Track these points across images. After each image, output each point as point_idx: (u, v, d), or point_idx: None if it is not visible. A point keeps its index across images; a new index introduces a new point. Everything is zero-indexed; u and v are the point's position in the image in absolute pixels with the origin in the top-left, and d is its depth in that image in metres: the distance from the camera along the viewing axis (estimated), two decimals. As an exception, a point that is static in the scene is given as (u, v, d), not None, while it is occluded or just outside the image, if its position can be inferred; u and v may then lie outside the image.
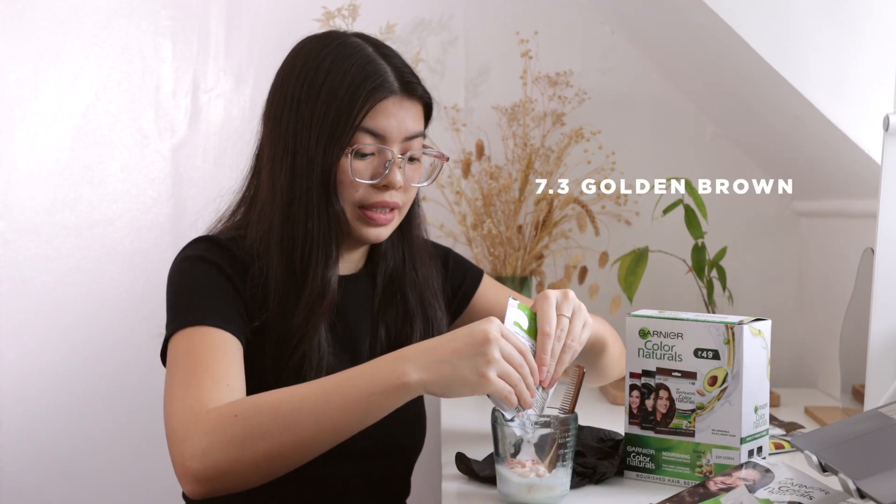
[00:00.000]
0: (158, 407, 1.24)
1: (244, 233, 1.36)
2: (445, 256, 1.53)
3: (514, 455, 1.17)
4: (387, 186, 1.32)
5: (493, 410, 1.19)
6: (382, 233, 1.35)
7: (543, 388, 1.21)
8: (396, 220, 1.37)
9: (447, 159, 1.40)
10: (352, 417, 1.14)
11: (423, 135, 1.37)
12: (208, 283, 1.28)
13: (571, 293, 1.27)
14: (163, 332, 1.29)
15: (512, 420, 1.18)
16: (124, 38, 2.19)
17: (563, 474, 1.17)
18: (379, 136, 1.31)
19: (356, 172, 1.31)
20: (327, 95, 1.31)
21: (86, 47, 2.18)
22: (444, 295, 1.48)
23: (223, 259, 1.31)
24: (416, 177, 1.37)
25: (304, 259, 1.31)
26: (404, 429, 1.42)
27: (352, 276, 1.42)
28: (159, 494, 2.18)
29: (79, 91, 2.18)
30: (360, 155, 1.31)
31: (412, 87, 1.34)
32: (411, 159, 1.35)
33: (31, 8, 2.17)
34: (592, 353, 1.43)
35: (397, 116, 1.32)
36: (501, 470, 1.18)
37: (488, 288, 1.55)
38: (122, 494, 2.22)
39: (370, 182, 1.31)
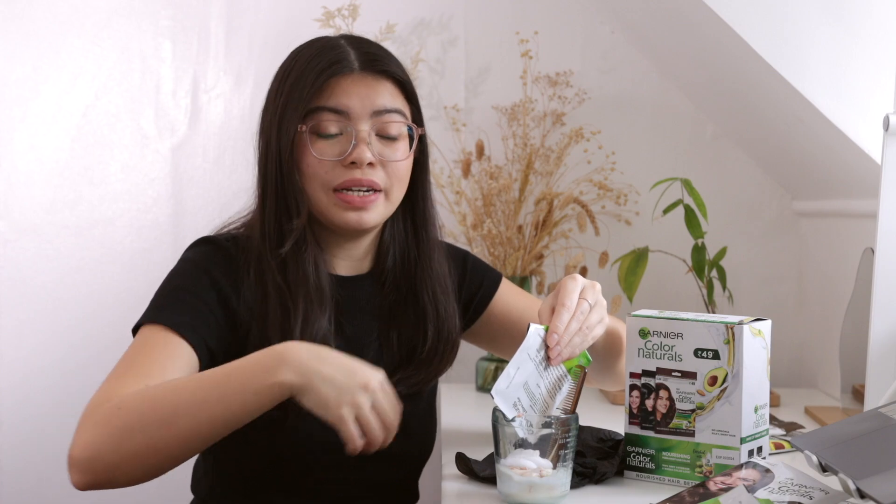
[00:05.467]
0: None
1: (247, 232, 1.36)
2: (464, 259, 1.50)
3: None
4: (354, 163, 1.30)
5: (494, 410, 1.19)
6: (364, 217, 1.31)
7: (549, 364, 1.21)
8: (381, 205, 1.33)
9: (422, 131, 1.37)
10: (229, 414, 1.13)
11: (399, 112, 1.33)
12: (191, 289, 1.28)
13: (598, 286, 1.28)
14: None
15: (513, 420, 1.18)
16: (124, 38, 2.19)
17: (564, 474, 1.17)
18: (342, 114, 1.30)
19: (320, 151, 1.30)
20: (290, 85, 1.32)
21: (86, 47, 2.18)
22: (459, 298, 1.46)
23: (217, 262, 1.30)
24: (395, 155, 1.33)
25: (280, 248, 1.31)
26: (414, 435, 1.40)
27: (357, 278, 1.40)
28: (159, 494, 2.18)
29: (79, 91, 2.18)
30: (323, 134, 1.30)
31: (375, 64, 1.32)
32: (388, 137, 1.32)
33: (31, 8, 2.17)
34: (611, 353, 1.42)
35: (360, 94, 1.30)
36: (502, 469, 1.18)
37: (507, 293, 1.52)
38: (122, 494, 2.22)
39: (337, 159, 1.30)
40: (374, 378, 1.13)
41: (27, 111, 2.18)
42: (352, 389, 1.12)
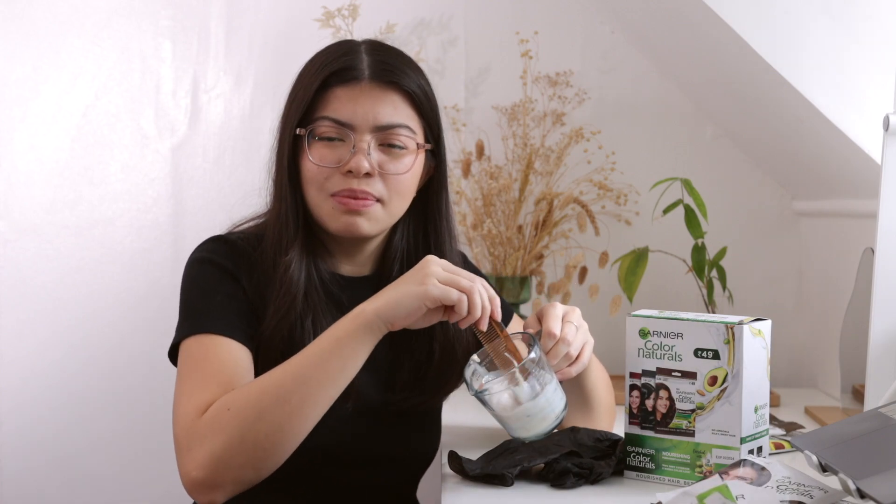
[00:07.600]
0: (158, 406, 1.25)
1: (259, 230, 1.37)
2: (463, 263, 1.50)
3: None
4: (351, 172, 1.29)
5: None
6: (360, 223, 1.31)
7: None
8: (378, 213, 1.32)
9: (427, 148, 1.36)
10: (332, 369, 1.16)
11: (405, 126, 1.31)
12: (216, 287, 1.28)
13: (578, 311, 1.28)
14: (162, 330, 1.29)
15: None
16: (124, 38, 2.19)
17: (551, 389, 1.21)
18: (344, 124, 1.29)
19: (319, 157, 1.30)
20: (299, 88, 1.33)
21: (86, 47, 2.18)
22: None
23: (230, 258, 1.31)
24: (397, 167, 1.31)
25: (284, 249, 1.31)
26: (419, 444, 1.41)
27: (362, 279, 1.40)
28: (160, 494, 2.18)
29: (79, 91, 2.18)
30: (324, 139, 1.30)
31: (385, 74, 1.31)
32: (392, 149, 1.31)
33: (31, 8, 2.17)
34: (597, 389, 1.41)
35: (363, 106, 1.29)
36: (511, 419, 1.21)
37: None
38: (123, 494, 2.22)
39: (334, 167, 1.29)
40: (428, 256, 1.20)
41: (27, 111, 2.18)
42: (419, 268, 1.19)
